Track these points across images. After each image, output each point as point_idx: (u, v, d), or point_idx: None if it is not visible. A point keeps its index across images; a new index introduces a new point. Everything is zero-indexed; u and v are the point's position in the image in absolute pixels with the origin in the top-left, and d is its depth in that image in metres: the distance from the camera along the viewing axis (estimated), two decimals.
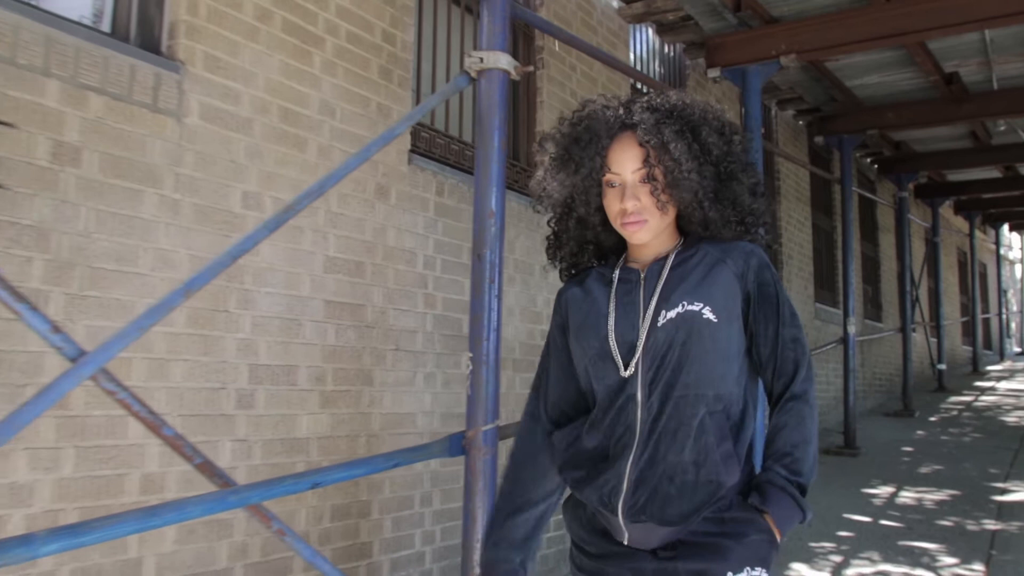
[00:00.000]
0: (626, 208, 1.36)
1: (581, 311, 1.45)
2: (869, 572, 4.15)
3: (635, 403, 1.35)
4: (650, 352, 1.34)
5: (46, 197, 2.13)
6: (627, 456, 1.33)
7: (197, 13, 2.55)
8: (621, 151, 1.38)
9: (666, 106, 1.40)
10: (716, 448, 1.30)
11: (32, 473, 2.08)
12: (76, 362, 1.55)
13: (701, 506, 1.30)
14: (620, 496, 1.32)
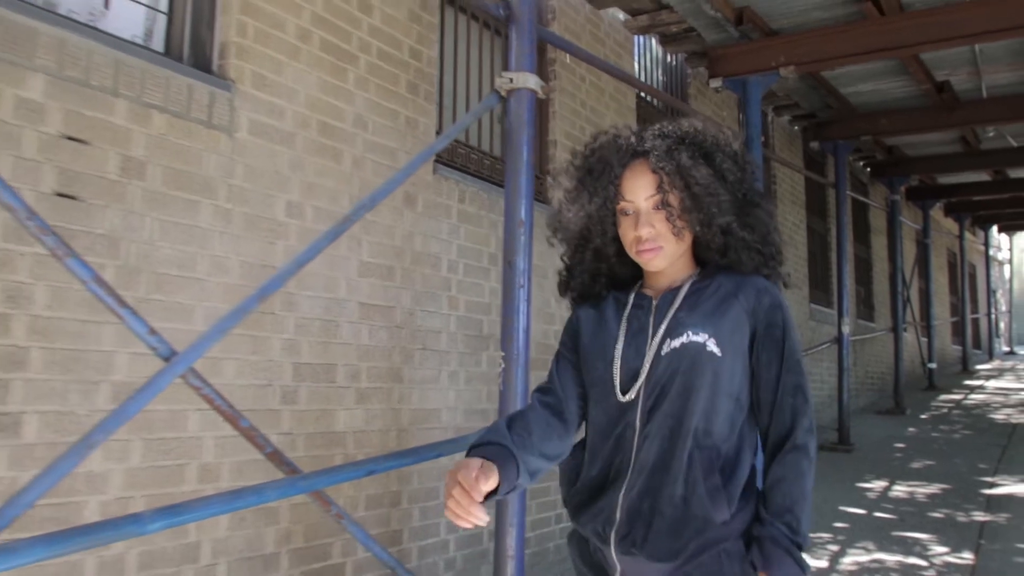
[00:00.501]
0: (641, 235, 1.35)
1: (592, 333, 1.45)
2: (865, 560, 4.36)
3: (632, 431, 1.34)
4: (651, 380, 1.34)
5: (116, 208, 2.31)
6: (620, 485, 1.33)
7: (245, 34, 2.73)
8: (634, 179, 1.38)
9: (678, 133, 1.40)
10: (703, 482, 1.29)
11: (105, 463, 2.26)
12: (169, 361, 1.74)
13: (688, 542, 1.28)
14: (613, 527, 1.32)
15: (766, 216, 1.41)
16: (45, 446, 2.13)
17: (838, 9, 5.04)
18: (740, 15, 5.06)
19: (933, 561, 4.33)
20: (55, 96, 2.19)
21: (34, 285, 2.12)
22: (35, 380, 2.12)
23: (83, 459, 1.58)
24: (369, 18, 3.24)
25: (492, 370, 3.80)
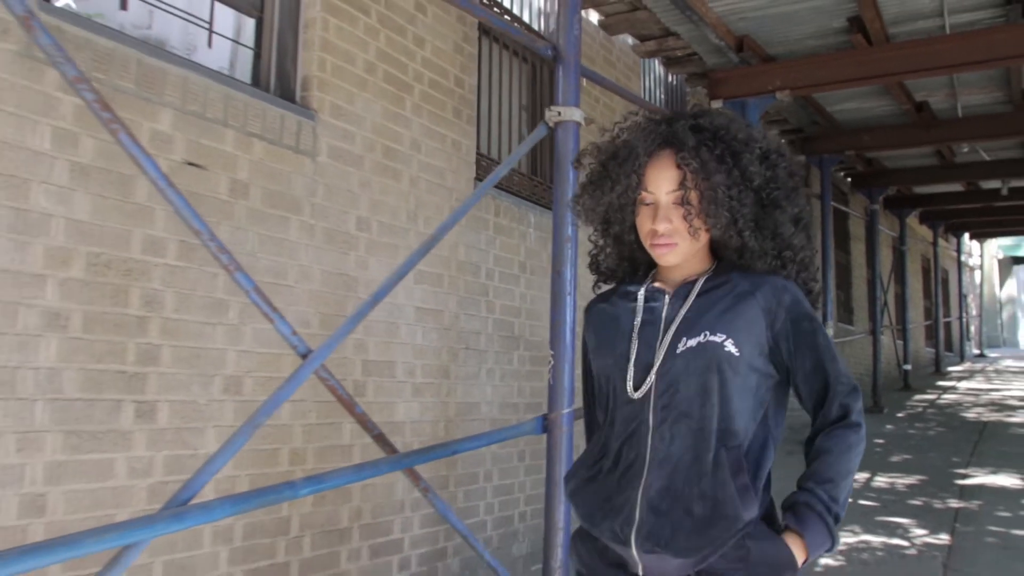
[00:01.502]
0: (657, 229, 1.34)
1: (603, 328, 1.44)
2: (853, 541, 4.80)
3: (647, 427, 1.32)
4: (665, 377, 1.32)
5: (226, 224, 2.66)
6: (637, 484, 1.31)
7: (324, 69, 3.09)
8: (658, 170, 1.35)
9: (709, 127, 1.36)
10: (732, 482, 1.27)
11: (219, 445, 2.61)
12: (306, 359, 2.09)
13: (717, 540, 1.26)
14: (633, 526, 1.29)
15: (790, 217, 1.37)
16: (174, 430, 2.48)
17: (830, 38, 5.49)
18: (741, 42, 5.49)
19: (914, 542, 4.78)
20: (180, 128, 2.54)
21: (165, 291, 2.47)
22: (166, 373, 2.46)
23: (250, 436, 1.93)
24: (422, 51, 3.61)
25: (523, 368, 4.18)
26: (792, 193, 1.39)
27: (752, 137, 1.38)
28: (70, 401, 2.21)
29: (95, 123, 2.30)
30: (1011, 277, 25.32)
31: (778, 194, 1.37)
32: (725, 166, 1.33)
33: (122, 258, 2.35)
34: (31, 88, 2.15)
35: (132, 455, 2.36)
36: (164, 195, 1.81)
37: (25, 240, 2.12)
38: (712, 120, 1.38)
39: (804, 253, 1.41)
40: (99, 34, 2.32)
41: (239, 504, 1.84)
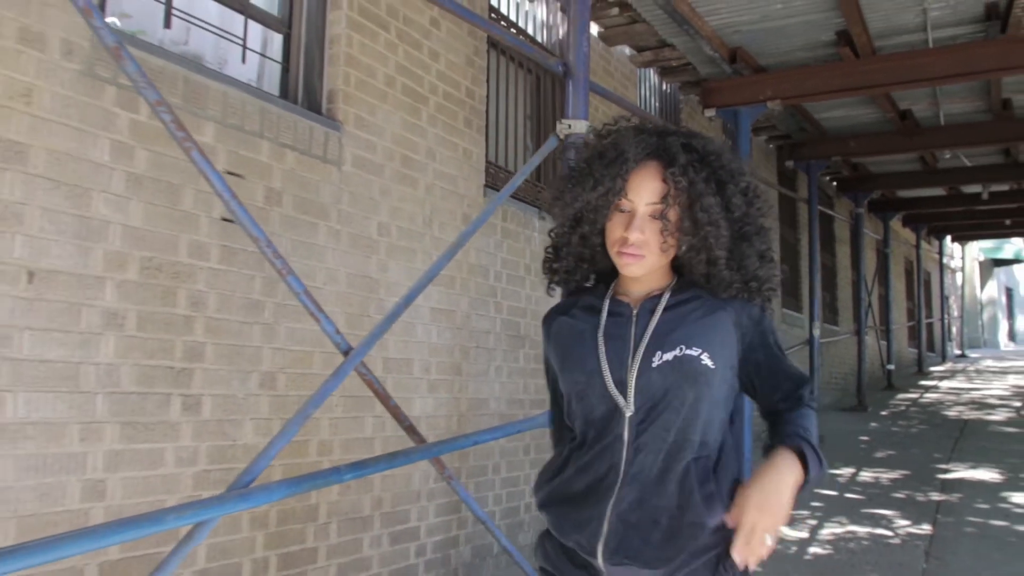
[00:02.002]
0: (628, 237, 1.33)
1: (567, 342, 1.42)
2: (840, 531, 5.04)
3: (621, 443, 1.32)
4: (642, 393, 1.32)
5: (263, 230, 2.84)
6: (609, 497, 1.31)
7: (349, 83, 3.28)
8: (642, 180, 1.35)
9: (701, 150, 1.37)
10: (698, 490, 1.29)
11: (256, 437, 2.80)
12: (348, 355, 2.28)
13: (683, 549, 1.29)
14: (600, 539, 1.30)
15: (757, 253, 1.39)
16: (216, 422, 2.66)
17: (819, 50, 5.73)
18: (734, 54, 5.72)
19: (897, 532, 5.02)
20: (221, 140, 2.72)
21: (208, 293, 2.65)
22: (209, 369, 2.64)
23: (300, 427, 2.12)
24: (436, 64, 3.80)
25: (528, 366, 4.38)
26: (762, 231, 1.41)
27: (740, 170, 1.40)
28: (126, 394, 2.38)
29: (148, 136, 2.48)
30: (991, 279, 25.80)
31: (749, 229, 1.39)
32: (711, 191, 1.34)
33: (171, 261, 2.53)
34: (92, 104, 2.33)
35: (179, 445, 2.54)
36: (228, 206, 1.99)
37: (88, 245, 2.30)
38: (704, 144, 1.39)
39: (768, 285, 1.42)
40: (151, 53, 2.50)
41: (294, 486, 2.03)
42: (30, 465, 2.15)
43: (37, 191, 2.19)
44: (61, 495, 2.21)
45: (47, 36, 2.22)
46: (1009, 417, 9.80)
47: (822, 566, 4.39)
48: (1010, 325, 27.86)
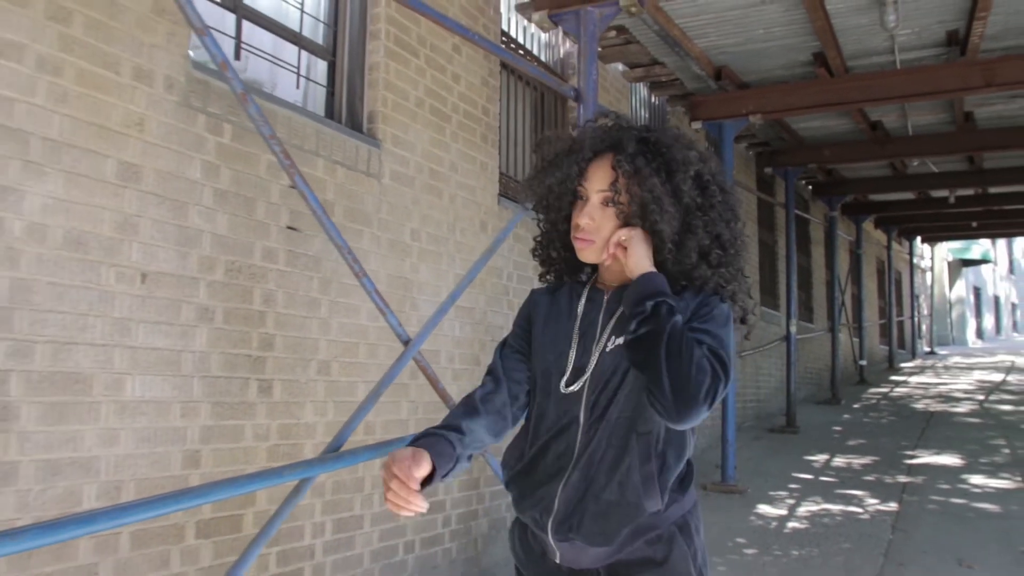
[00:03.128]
0: (579, 223, 1.39)
1: (549, 320, 1.48)
2: (816, 509, 5.55)
3: (577, 424, 1.38)
4: (596, 376, 1.38)
5: (318, 237, 3.26)
6: (562, 476, 1.37)
7: (386, 105, 3.69)
8: (596, 168, 1.41)
9: (653, 141, 1.41)
10: (638, 469, 1.33)
11: (314, 417, 3.21)
12: (408, 345, 2.71)
13: (620, 527, 1.33)
14: (551, 515, 1.36)
15: (696, 248, 1.39)
16: (283, 404, 3.07)
17: (797, 69, 6.23)
18: (719, 72, 6.20)
19: (867, 509, 5.54)
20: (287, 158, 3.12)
21: (277, 291, 3.06)
22: (279, 357, 3.05)
23: (374, 405, 2.53)
24: (458, 86, 4.23)
25: None
26: (714, 225, 1.41)
27: (688, 160, 1.41)
28: (215, 378, 2.79)
29: (230, 156, 2.88)
30: (960, 279, 26.62)
31: (697, 222, 1.40)
32: (658, 178, 1.37)
33: (248, 264, 2.94)
34: (187, 130, 2.73)
35: (255, 423, 2.95)
36: (318, 218, 2.42)
37: (185, 251, 2.70)
38: (658, 135, 1.43)
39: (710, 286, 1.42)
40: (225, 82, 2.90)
41: (372, 452, 2.46)
42: (144, 437, 2.55)
43: (148, 205, 2.59)
44: (167, 463, 2.62)
45: (154, 73, 2.62)
46: (972, 409, 10.42)
47: (800, 538, 4.88)
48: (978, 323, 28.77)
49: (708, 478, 6.27)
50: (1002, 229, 16.61)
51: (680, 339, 1.26)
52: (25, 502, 2.23)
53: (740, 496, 5.91)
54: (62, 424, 2.32)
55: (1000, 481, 6.27)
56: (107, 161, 2.47)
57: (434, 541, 3.91)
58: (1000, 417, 9.66)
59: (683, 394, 1.23)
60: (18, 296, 2.23)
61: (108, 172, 2.47)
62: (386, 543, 3.60)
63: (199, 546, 2.72)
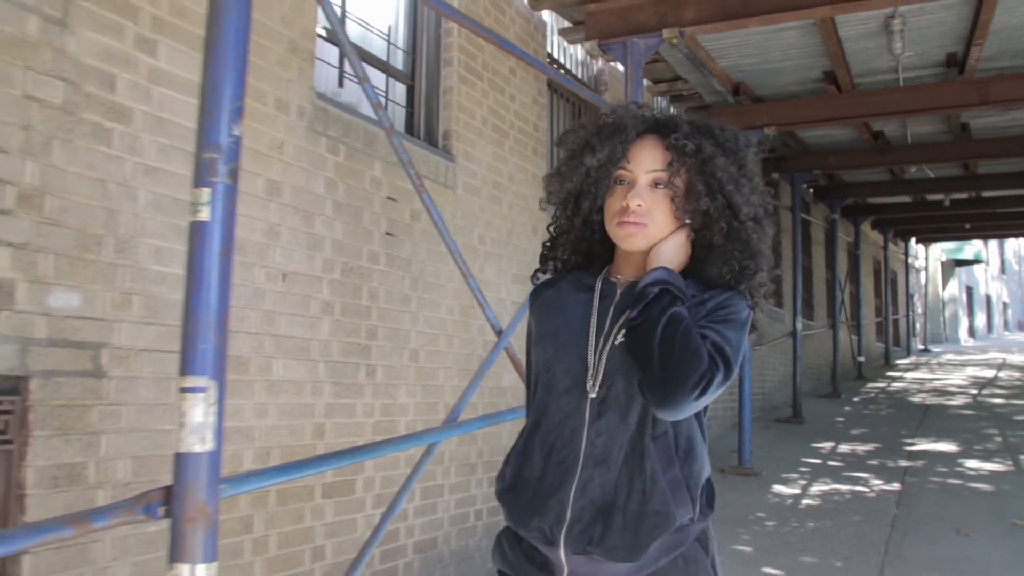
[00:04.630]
0: (629, 204, 1.27)
1: (548, 315, 1.37)
2: (826, 488, 6.07)
3: (583, 424, 1.26)
4: (604, 373, 1.26)
5: (408, 241, 3.75)
6: (570, 482, 1.25)
7: (459, 124, 4.19)
8: (643, 149, 1.30)
9: (707, 128, 1.33)
10: (663, 475, 1.23)
11: (406, 398, 3.70)
12: (500, 335, 3.20)
13: (648, 541, 1.21)
14: (563, 526, 1.24)
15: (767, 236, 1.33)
16: (384, 386, 3.56)
17: (808, 85, 6.74)
18: (737, 87, 6.71)
19: (873, 488, 6.07)
20: (385, 173, 3.62)
21: (379, 288, 3.55)
22: (381, 346, 3.55)
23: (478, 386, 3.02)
24: (513, 105, 4.73)
25: None
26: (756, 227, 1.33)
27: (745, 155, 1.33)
28: (335, 363, 3.28)
29: (344, 173, 3.37)
30: (953, 278, 27.22)
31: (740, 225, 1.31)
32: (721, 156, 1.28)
33: (358, 265, 3.43)
34: (313, 151, 3.22)
35: (363, 401, 3.44)
36: (437, 227, 2.90)
37: (312, 254, 3.19)
38: (708, 123, 1.34)
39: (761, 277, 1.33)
40: (343, 111, 3.40)
41: (483, 422, 2.96)
42: (285, 411, 3.04)
43: (287, 215, 3.08)
44: (301, 433, 3.11)
45: (290, 103, 3.11)
46: (966, 402, 10.98)
47: (814, 512, 5.41)
48: (970, 322, 29.39)
49: (725, 462, 6.79)
50: (994, 231, 17.22)
51: (678, 325, 1.18)
52: None
53: (756, 478, 6.43)
54: (229, 399, 2.80)
55: (993, 464, 6.81)
56: (258, 179, 2.96)
57: (499, 510, 4.41)
58: (993, 409, 10.21)
59: (671, 379, 1.16)
60: None
61: (259, 188, 2.96)
62: (460, 511, 4.10)
63: (324, 504, 3.22)
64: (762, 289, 1.35)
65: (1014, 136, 8.29)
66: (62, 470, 2.28)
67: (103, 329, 2.40)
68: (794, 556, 4.49)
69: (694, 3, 4.34)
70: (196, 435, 1.71)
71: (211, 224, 1.77)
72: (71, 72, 2.35)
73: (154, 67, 2.59)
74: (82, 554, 2.32)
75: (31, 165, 2.23)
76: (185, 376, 1.72)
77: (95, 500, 2.33)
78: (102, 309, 2.40)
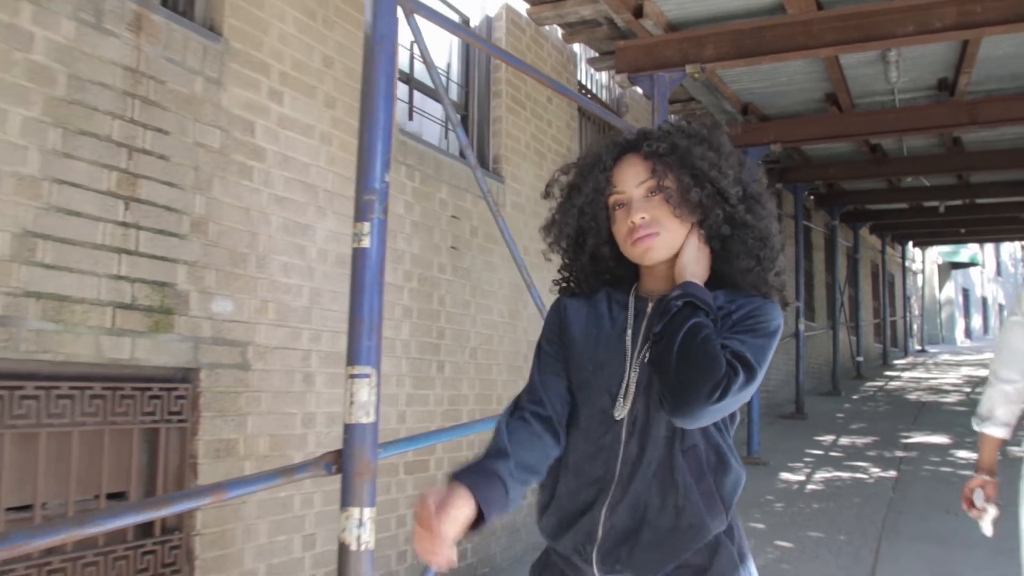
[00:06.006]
0: (634, 220, 1.27)
1: (583, 329, 1.35)
2: (828, 476, 6.64)
3: (619, 442, 1.26)
4: (638, 389, 1.26)
5: (468, 254, 4.31)
6: (603, 500, 1.25)
7: (507, 149, 4.75)
8: (625, 169, 1.32)
9: (676, 127, 1.35)
10: (696, 487, 1.22)
11: (467, 390, 4.26)
12: None
13: (681, 551, 1.21)
14: (595, 544, 1.24)
15: (770, 215, 1.32)
16: (451, 380, 4.12)
17: (811, 105, 7.32)
18: (746, 107, 7.28)
19: (871, 475, 6.64)
20: (450, 195, 4.18)
21: (446, 295, 4.12)
22: (448, 345, 4.11)
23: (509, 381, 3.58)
24: (551, 129, 5.29)
25: None
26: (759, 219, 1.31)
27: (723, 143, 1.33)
28: (414, 359, 3.84)
29: (419, 196, 3.93)
30: (949, 281, 27.72)
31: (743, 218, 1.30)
32: (697, 145, 1.29)
33: (430, 275, 4.00)
34: (395, 178, 3.78)
35: (435, 392, 4.00)
36: (508, 245, 3.46)
37: (396, 266, 3.75)
38: (677, 124, 1.36)
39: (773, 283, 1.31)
40: (418, 143, 3.96)
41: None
42: None
43: None
44: (388, 419, 3.67)
45: None
46: (960, 399, 11.55)
47: (818, 496, 5.97)
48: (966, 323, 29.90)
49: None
50: (989, 235, 17.81)
51: (696, 334, 1.18)
52: (319, 441, 3.27)
53: (764, 467, 7.00)
54: (337, 388, 3.37)
55: None
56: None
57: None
58: None
59: (685, 386, 1.16)
60: (314, 299, 3.28)
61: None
62: None
63: (406, 480, 3.78)
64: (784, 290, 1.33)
65: (1003, 150, 8.87)
66: (221, 444, 2.84)
67: (248, 330, 2.97)
68: (802, 532, 5.05)
69: (713, 42, 4.90)
70: (363, 410, 2.29)
71: (370, 250, 2.36)
72: (224, 121, 2.91)
73: (281, 114, 3.16)
74: (283, 505, 2.88)
75: (199, 198, 2.79)
76: (353, 366, 2.30)
77: (244, 469, 2.89)
78: (247, 314, 2.96)
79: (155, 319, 2.62)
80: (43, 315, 2.30)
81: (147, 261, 2.60)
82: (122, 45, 2.55)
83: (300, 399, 3.19)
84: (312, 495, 3.19)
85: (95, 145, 2.46)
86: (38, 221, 2.30)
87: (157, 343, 2.62)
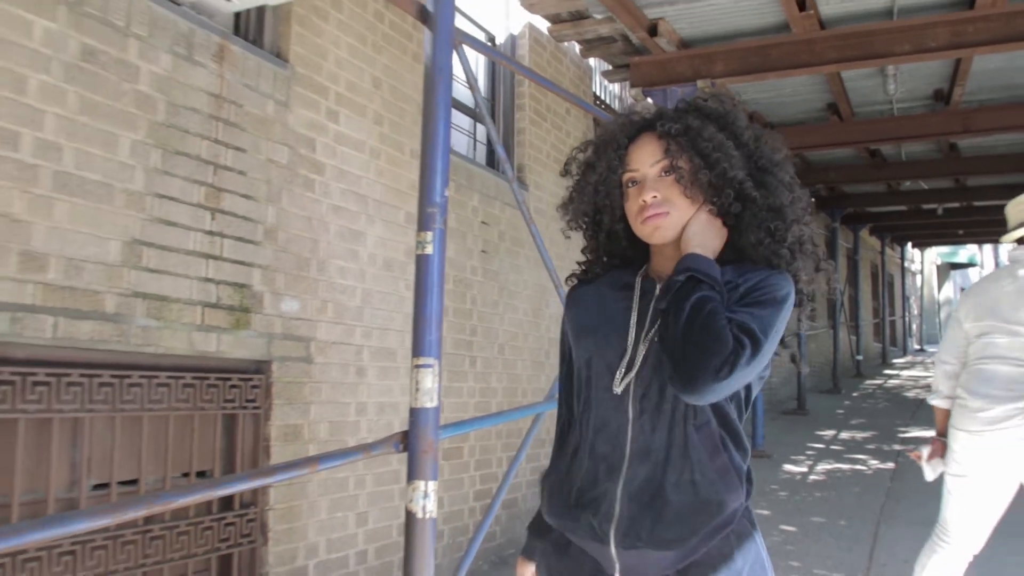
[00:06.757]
0: (645, 199, 1.27)
1: (586, 311, 1.38)
2: (830, 467, 6.98)
3: (627, 420, 1.27)
4: (644, 368, 1.27)
5: (497, 256, 4.65)
6: (617, 478, 1.26)
7: (530, 159, 5.09)
8: (639, 148, 1.32)
9: (691, 103, 1.35)
10: (710, 463, 1.23)
11: (496, 383, 4.60)
12: None
13: (699, 528, 1.22)
14: (612, 522, 1.24)
15: (783, 186, 1.30)
16: (481, 374, 4.45)
17: (813, 114, 7.65)
18: (751, 116, 7.62)
19: (870, 467, 6.97)
20: (481, 203, 4.52)
21: (477, 295, 4.45)
22: (479, 342, 4.44)
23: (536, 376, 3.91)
24: (569, 140, 5.63)
25: None
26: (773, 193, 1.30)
27: (738, 115, 1.35)
28: (449, 354, 4.18)
29: (454, 204, 4.27)
30: (948, 281, 28.01)
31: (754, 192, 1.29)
32: (708, 125, 1.30)
33: (463, 277, 4.33)
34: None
35: (467, 385, 4.34)
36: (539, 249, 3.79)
37: None
38: (696, 101, 1.36)
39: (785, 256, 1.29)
40: (452, 155, 4.30)
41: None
42: None
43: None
44: None
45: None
46: None
47: (820, 485, 6.31)
48: None
49: None
50: (986, 236, 18.11)
51: (701, 308, 1.18)
52: (370, 427, 3.61)
53: (768, 459, 7.33)
54: (385, 380, 3.71)
55: None
56: (400, 211, 3.86)
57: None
58: None
59: (692, 362, 1.15)
60: (365, 299, 3.62)
61: (401, 218, 3.86)
62: (533, 477, 4.99)
63: (443, 465, 4.11)
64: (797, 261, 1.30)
65: (998, 155, 9.21)
66: (289, 429, 3.18)
67: (311, 327, 3.30)
68: (805, 517, 5.38)
69: (723, 59, 5.23)
70: (427, 396, 2.62)
71: (432, 256, 2.68)
72: (291, 139, 3.25)
73: (338, 131, 3.49)
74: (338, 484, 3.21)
75: (271, 209, 3.13)
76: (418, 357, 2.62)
77: (308, 452, 3.22)
78: (310, 312, 3.30)
79: (236, 317, 2.96)
80: (148, 313, 2.63)
81: (229, 265, 2.94)
82: (208, 74, 2.88)
83: (353, 390, 3.52)
84: (364, 477, 3.53)
85: (187, 163, 2.80)
86: (144, 231, 2.63)
87: (237, 338, 2.96)
